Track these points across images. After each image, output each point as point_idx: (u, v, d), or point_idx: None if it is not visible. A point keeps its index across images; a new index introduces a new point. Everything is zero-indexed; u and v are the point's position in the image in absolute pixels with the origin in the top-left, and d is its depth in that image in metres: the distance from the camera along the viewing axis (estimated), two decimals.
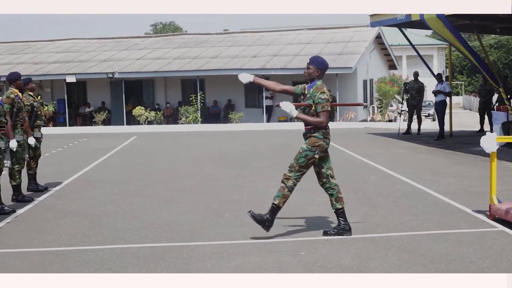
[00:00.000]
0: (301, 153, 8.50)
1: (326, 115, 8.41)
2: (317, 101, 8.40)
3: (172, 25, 78.01)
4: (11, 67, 35.23)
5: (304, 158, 8.45)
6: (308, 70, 8.63)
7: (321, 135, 8.46)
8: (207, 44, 38.83)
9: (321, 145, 8.45)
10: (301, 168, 8.50)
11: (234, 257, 7.60)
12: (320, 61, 8.67)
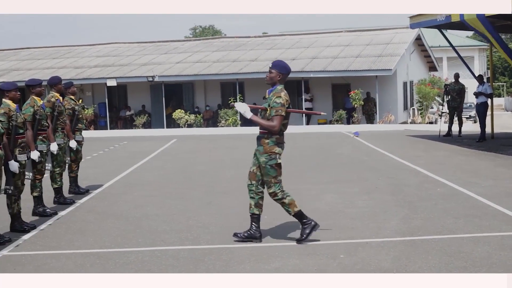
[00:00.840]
0: (264, 168, 8.36)
1: (279, 120, 8.26)
2: (272, 104, 8.32)
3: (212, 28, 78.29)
4: (53, 71, 35.66)
5: (272, 169, 8.35)
6: (270, 74, 8.62)
7: (273, 141, 8.34)
8: (246, 47, 38.90)
9: (277, 150, 8.36)
10: (276, 178, 8.40)
11: (273, 260, 7.61)
12: (282, 65, 8.64)
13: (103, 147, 23.11)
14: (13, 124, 9.29)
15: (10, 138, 9.22)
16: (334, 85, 34.14)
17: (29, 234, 9.31)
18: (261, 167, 8.35)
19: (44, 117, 10.56)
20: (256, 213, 8.51)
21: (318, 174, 14.48)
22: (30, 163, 10.07)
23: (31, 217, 10.40)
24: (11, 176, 9.11)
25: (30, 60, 40.92)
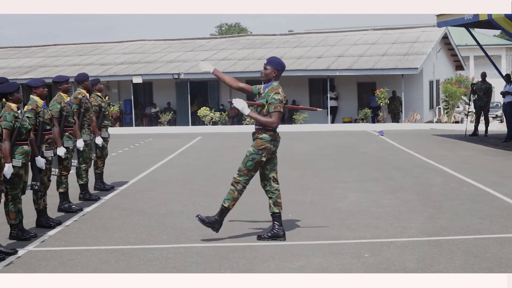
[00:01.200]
0: (248, 156, 8.44)
1: (278, 116, 8.40)
2: (270, 101, 8.40)
3: (237, 26, 78.32)
4: (80, 68, 35.87)
5: (252, 162, 8.45)
6: (265, 70, 8.65)
7: (268, 137, 8.42)
8: (272, 45, 38.88)
9: (268, 147, 8.43)
10: (249, 172, 8.51)
11: (297, 258, 7.60)
12: (278, 62, 8.71)
13: (128, 144, 23.20)
14: (40, 121, 9.36)
15: (37, 134, 9.29)
16: (359, 83, 34.02)
17: (55, 230, 9.38)
18: (245, 155, 8.47)
19: (70, 113, 10.63)
20: (276, 211, 8.53)
21: (343, 173, 14.45)
22: (57, 159, 10.14)
23: (57, 213, 10.48)
24: (37, 172, 9.18)
25: (57, 57, 41.19)
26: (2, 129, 8.08)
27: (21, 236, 8.80)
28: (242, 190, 8.55)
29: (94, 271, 7.29)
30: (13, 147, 8.50)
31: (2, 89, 8.80)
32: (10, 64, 40.15)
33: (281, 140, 8.55)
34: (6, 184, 8.40)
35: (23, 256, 8.04)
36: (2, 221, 8.99)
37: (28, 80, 9.90)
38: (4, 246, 8.19)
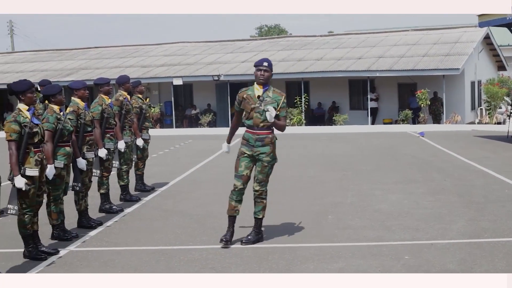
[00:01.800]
0: (267, 166, 8.46)
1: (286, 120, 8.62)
2: (282, 105, 8.50)
3: (277, 27, 78.21)
4: (121, 70, 36.16)
5: (272, 169, 8.53)
6: (267, 73, 8.59)
7: (275, 142, 8.55)
8: (311, 46, 38.80)
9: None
10: (268, 178, 8.57)
11: (336, 260, 7.58)
12: (272, 65, 8.77)
13: (168, 146, 23.34)
14: (82, 122, 9.47)
15: (78, 136, 9.40)
16: (400, 84, 33.77)
17: (96, 231, 9.47)
18: (263, 166, 8.43)
19: (112, 115, 10.72)
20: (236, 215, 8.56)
21: (383, 174, 14.36)
22: (98, 160, 10.24)
23: (98, 214, 10.57)
24: (79, 173, 9.29)
25: (98, 59, 41.58)
26: (45, 130, 8.18)
27: (63, 236, 8.91)
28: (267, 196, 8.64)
29: (135, 272, 7.35)
30: (55, 149, 8.61)
31: (44, 91, 8.91)
32: (53, 66, 40.63)
33: (321, 141, 8.53)
34: (48, 185, 8.51)
35: (64, 256, 8.13)
36: (44, 222, 9.10)
37: (70, 82, 10.00)
38: (46, 246, 8.30)
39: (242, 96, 8.49)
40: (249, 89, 8.55)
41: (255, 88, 8.51)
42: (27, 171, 7.60)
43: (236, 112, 8.70)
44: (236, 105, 8.58)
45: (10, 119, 7.64)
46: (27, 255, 8.00)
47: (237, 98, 8.57)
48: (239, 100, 8.51)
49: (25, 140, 7.59)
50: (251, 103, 8.38)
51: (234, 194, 8.46)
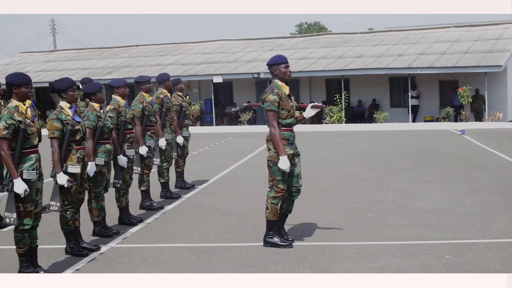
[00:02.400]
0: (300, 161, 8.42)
1: None
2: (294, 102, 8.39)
3: (317, 25, 77.94)
4: (161, 68, 36.37)
5: None
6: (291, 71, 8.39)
7: None
8: (351, 43, 38.63)
9: None
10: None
11: (377, 258, 7.53)
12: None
13: (208, 143, 23.42)
14: (122, 120, 9.53)
15: (119, 133, 9.47)
16: (441, 81, 33.45)
17: (137, 227, 9.53)
18: (299, 161, 8.41)
19: (152, 113, 10.78)
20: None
21: (424, 173, 14.25)
22: (139, 158, 10.32)
23: (139, 211, 10.65)
24: (119, 171, 9.37)
25: (138, 57, 41.85)
26: (86, 128, 8.25)
27: (104, 233, 8.99)
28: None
29: (175, 268, 7.39)
30: (96, 146, 8.69)
31: (85, 89, 8.99)
32: (94, 64, 41.01)
33: (361, 139, 8.47)
34: (89, 182, 8.59)
35: (105, 252, 8.20)
36: (85, 218, 9.18)
37: (110, 80, 10.08)
38: (87, 242, 8.38)
39: (280, 97, 8.15)
40: (276, 87, 8.21)
41: (282, 86, 8.27)
42: (69, 168, 7.67)
43: (276, 115, 8.14)
44: (276, 106, 8.10)
45: (52, 116, 7.72)
46: (69, 251, 8.08)
47: (274, 99, 8.09)
48: (278, 101, 8.12)
49: (67, 138, 7.67)
50: (289, 101, 8.26)
51: (281, 199, 8.23)
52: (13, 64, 44.38)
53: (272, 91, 8.13)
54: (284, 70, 8.25)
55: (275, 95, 8.08)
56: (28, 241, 7.00)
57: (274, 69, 8.25)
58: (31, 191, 6.84)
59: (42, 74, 39.41)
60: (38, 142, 7.05)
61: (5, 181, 6.90)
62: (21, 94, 6.96)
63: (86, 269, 7.48)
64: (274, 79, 8.27)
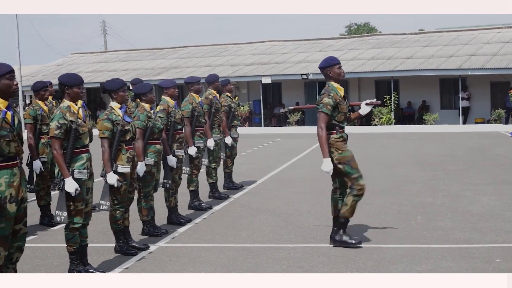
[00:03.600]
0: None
1: None
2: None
3: (367, 26, 77.56)
4: (210, 69, 36.54)
5: None
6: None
7: None
8: (401, 44, 38.34)
9: None
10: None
11: (426, 261, 7.47)
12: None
13: (257, 144, 23.46)
14: (172, 120, 9.60)
15: (168, 133, 9.54)
16: (493, 83, 33.00)
17: (185, 227, 9.60)
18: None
19: (202, 113, 10.83)
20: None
21: (475, 175, 14.07)
22: (188, 158, 10.39)
23: (187, 211, 10.72)
24: (169, 171, 9.44)
25: (188, 58, 42.10)
26: (136, 128, 8.33)
27: (153, 232, 9.06)
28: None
29: (222, 268, 7.42)
30: (145, 146, 8.76)
31: (136, 89, 9.08)
32: (144, 65, 41.37)
33: (410, 141, 8.40)
34: (139, 181, 8.68)
35: (154, 251, 8.27)
36: (135, 218, 9.28)
37: (160, 81, 10.15)
38: (136, 241, 8.46)
39: (337, 100, 8.09)
40: (332, 90, 8.15)
41: (337, 88, 8.24)
42: (119, 168, 7.76)
43: (327, 118, 8.08)
44: (329, 109, 8.03)
45: (103, 117, 7.82)
46: (118, 250, 8.17)
47: (328, 102, 8.03)
48: (335, 104, 8.05)
49: (117, 138, 7.75)
50: (344, 104, 8.23)
51: (362, 197, 8.27)
52: (65, 64, 45.02)
53: (328, 94, 8.11)
54: (338, 71, 8.23)
55: (331, 98, 8.06)
56: (78, 240, 7.10)
57: (328, 71, 8.22)
58: (82, 190, 6.93)
59: (93, 74, 39.90)
60: (89, 142, 7.14)
61: (56, 180, 7.01)
62: (73, 95, 7.06)
63: (134, 268, 7.56)
64: (329, 81, 8.24)
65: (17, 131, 5.83)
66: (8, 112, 5.76)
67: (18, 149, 5.81)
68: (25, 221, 5.98)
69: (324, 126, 8.02)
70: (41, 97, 10.21)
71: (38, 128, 9.96)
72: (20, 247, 5.98)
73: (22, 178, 5.88)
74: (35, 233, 9.51)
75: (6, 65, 5.81)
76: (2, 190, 5.63)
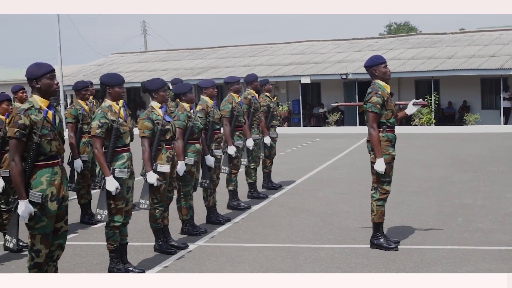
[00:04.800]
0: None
1: None
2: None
3: (407, 25, 77.02)
4: (249, 69, 36.57)
5: None
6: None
7: None
8: (442, 44, 38.00)
9: None
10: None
11: (466, 263, 7.40)
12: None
13: (296, 144, 23.44)
14: (210, 120, 9.63)
15: (207, 133, 9.57)
16: None
17: (224, 227, 9.63)
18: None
19: (241, 113, 10.85)
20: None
21: None
22: (227, 157, 10.42)
23: (226, 210, 10.75)
24: (207, 170, 9.48)
25: (227, 58, 42.19)
26: (176, 128, 8.38)
27: (192, 231, 9.11)
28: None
29: (261, 268, 7.43)
30: (185, 146, 8.81)
31: (175, 89, 9.14)
32: (184, 65, 41.55)
33: (451, 141, 8.33)
34: (178, 181, 8.73)
35: (193, 250, 8.31)
36: (174, 217, 9.33)
37: (199, 81, 10.19)
38: (175, 240, 8.51)
39: (385, 98, 8.05)
40: (380, 88, 8.10)
41: (384, 86, 8.19)
42: (158, 167, 7.81)
43: (377, 117, 8.04)
44: (378, 109, 8.00)
45: (143, 116, 7.88)
46: (158, 248, 8.23)
47: (377, 101, 7.98)
48: (381, 103, 8.00)
49: (158, 137, 7.81)
50: (392, 101, 8.18)
51: (386, 200, 8.17)
52: (106, 64, 45.41)
53: (376, 92, 8.05)
54: (384, 70, 8.19)
55: (379, 97, 8.01)
56: (118, 238, 7.16)
57: (374, 70, 8.17)
58: (122, 189, 6.99)
59: (133, 74, 40.18)
60: (130, 141, 7.20)
61: (97, 179, 7.09)
62: (115, 94, 7.13)
63: (173, 267, 7.61)
64: (375, 80, 8.19)
65: (58, 130, 5.91)
66: (49, 111, 5.84)
67: (59, 148, 5.89)
68: (66, 219, 6.06)
69: (375, 125, 7.99)
70: (82, 97, 10.34)
71: (79, 127, 10.08)
72: (61, 245, 6.06)
73: (64, 177, 5.96)
74: (76, 231, 9.62)
75: (47, 65, 5.92)
76: (43, 189, 5.72)
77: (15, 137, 5.68)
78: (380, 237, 8.14)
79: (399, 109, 8.43)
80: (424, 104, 8.64)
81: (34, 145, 5.71)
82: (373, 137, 7.97)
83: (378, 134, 7.97)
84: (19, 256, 8.17)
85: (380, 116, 8.03)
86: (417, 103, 8.47)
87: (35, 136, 5.70)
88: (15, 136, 5.68)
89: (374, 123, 7.98)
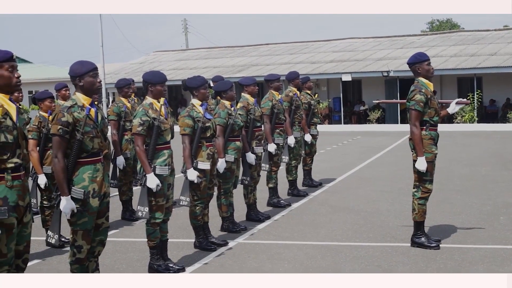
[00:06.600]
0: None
1: None
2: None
3: (449, 22, 76.28)
4: (290, 66, 36.53)
5: None
6: None
7: None
8: (485, 41, 37.57)
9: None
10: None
11: (508, 263, 7.32)
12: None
13: (336, 142, 23.37)
14: (251, 118, 9.64)
15: (247, 131, 9.59)
16: None
17: (264, 224, 9.64)
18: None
19: (282, 111, 10.84)
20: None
21: None
22: (267, 155, 10.43)
23: (266, 208, 10.76)
24: (247, 168, 9.50)
25: (268, 55, 42.21)
26: (216, 125, 8.41)
27: (232, 228, 9.14)
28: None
29: (300, 266, 7.43)
30: (226, 143, 8.84)
31: (216, 87, 9.16)
32: (225, 63, 41.68)
33: (493, 139, 8.24)
34: (219, 178, 8.77)
35: (233, 247, 8.34)
36: (214, 214, 9.37)
37: (240, 78, 10.21)
38: (215, 237, 8.55)
39: (428, 95, 7.97)
40: (423, 86, 8.03)
41: (427, 84, 8.11)
42: (199, 164, 7.85)
43: (420, 115, 7.98)
44: (421, 106, 7.92)
45: (184, 113, 7.92)
46: (198, 245, 8.27)
47: (421, 99, 7.91)
48: (424, 101, 7.93)
49: (198, 135, 7.84)
50: (435, 99, 8.11)
51: (427, 199, 8.10)
52: (147, 62, 45.75)
53: (419, 90, 7.98)
54: (427, 68, 8.10)
55: (422, 94, 7.94)
56: (159, 234, 7.21)
57: (417, 67, 8.10)
58: (163, 186, 7.03)
59: (174, 72, 40.40)
60: (170, 139, 7.25)
61: (138, 176, 7.14)
62: (156, 92, 7.18)
63: (213, 264, 7.65)
64: (418, 77, 8.12)
65: (101, 128, 5.97)
66: (92, 108, 5.91)
67: (102, 145, 5.96)
68: (107, 215, 6.12)
69: (418, 124, 7.93)
70: (124, 94, 10.43)
71: (121, 125, 10.17)
72: (102, 241, 6.13)
73: (105, 174, 6.03)
74: (117, 228, 9.71)
75: (90, 63, 5.98)
76: (85, 185, 5.79)
77: (58, 134, 5.76)
78: (421, 236, 8.09)
79: (441, 107, 8.34)
80: (467, 103, 8.55)
81: (76, 142, 5.78)
82: (415, 135, 7.91)
83: (420, 133, 7.91)
84: (61, 252, 8.28)
85: (423, 114, 7.97)
86: (461, 101, 8.39)
87: (77, 134, 5.78)
88: (58, 133, 5.75)
89: (417, 121, 7.92)
